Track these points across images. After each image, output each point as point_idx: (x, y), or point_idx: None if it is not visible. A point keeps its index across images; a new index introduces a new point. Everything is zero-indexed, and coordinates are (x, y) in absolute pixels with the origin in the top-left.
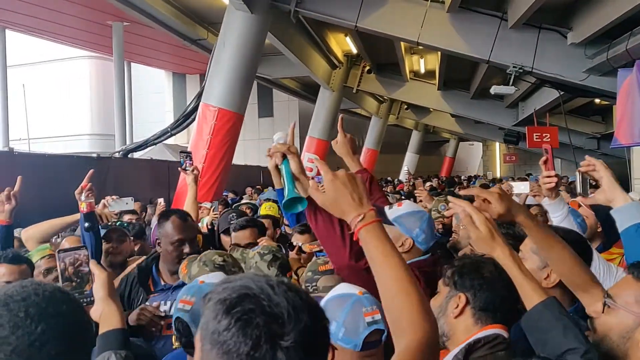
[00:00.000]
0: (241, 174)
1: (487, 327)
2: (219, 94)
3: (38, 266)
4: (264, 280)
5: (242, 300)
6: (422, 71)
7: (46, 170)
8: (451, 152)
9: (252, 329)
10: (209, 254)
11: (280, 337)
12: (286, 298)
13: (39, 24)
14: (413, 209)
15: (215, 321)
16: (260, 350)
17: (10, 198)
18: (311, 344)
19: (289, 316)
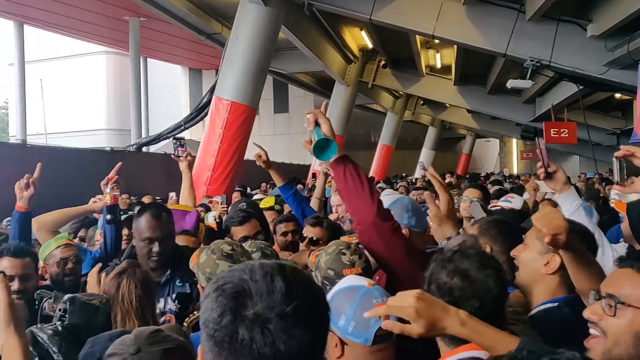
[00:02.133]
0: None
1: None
2: (232, 88)
3: (53, 255)
4: (259, 264)
5: (228, 276)
6: (438, 66)
7: (59, 163)
8: (467, 149)
9: (223, 300)
10: (218, 242)
11: (246, 310)
12: (266, 276)
13: (57, 19)
14: (391, 200)
15: (204, 292)
16: (224, 319)
17: (29, 185)
18: (278, 323)
19: (261, 295)
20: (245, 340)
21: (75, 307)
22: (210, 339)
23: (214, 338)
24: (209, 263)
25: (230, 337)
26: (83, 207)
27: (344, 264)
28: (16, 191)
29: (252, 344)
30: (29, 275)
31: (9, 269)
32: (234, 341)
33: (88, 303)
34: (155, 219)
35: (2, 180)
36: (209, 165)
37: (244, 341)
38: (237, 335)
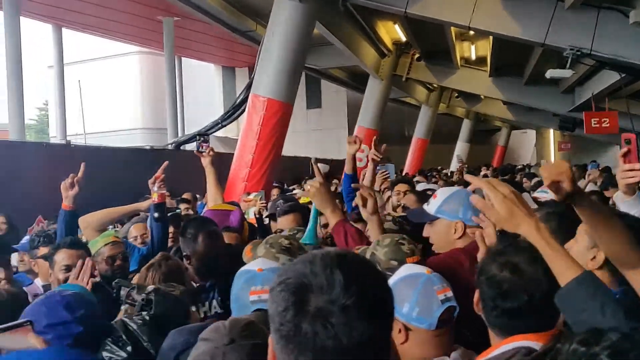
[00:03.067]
0: (290, 166)
1: None
2: (268, 85)
3: (101, 253)
4: (319, 255)
5: (290, 270)
6: (473, 57)
7: (101, 162)
8: (503, 141)
9: (286, 293)
10: (275, 236)
11: (308, 305)
12: (326, 269)
13: (93, 21)
14: (448, 193)
15: (271, 285)
16: (288, 314)
17: (74, 185)
18: (339, 317)
19: (321, 286)
20: (309, 334)
21: (159, 298)
22: (276, 332)
23: (280, 332)
24: (268, 256)
25: (295, 331)
26: (130, 206)
27: (405, 253)
28: (62, 190)
29: (315, 338)
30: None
31: (66, 259)
32: (298, 335)
33: (170, 294)
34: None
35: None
36: (247, 162)
37: (308, 335)
38: (300, 330)
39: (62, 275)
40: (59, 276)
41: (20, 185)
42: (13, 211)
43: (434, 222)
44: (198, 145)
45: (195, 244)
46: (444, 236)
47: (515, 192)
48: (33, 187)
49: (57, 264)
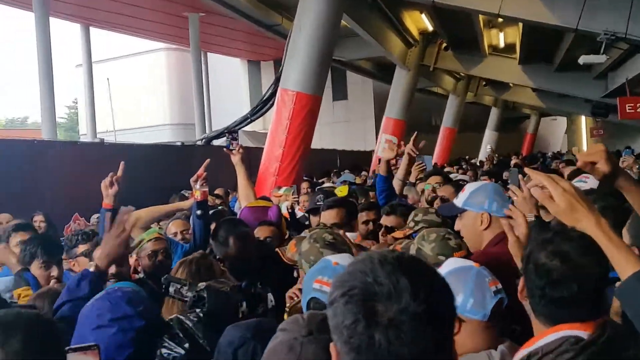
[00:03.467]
0: (317, 158)
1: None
2: (297, 78)
3: (145, 249)
4: (377, 259)
5: (350, 277)
6: (501, 45)
7: (134, 159)
8: (532, 129)
9: (354, 305)
10: (319, 231)
11: (379, 315)
12: (390, 277)
13: (120, 19)
14: (475, 186)
15: (329, 295)
16: (359, 326)
17: (113, 183)
18: (412, 323)
19: (390, 295)
20: (383, 344)
21: (211, 294)
22: (346, 344)
23: (350, 344)
24: (313, 251)
25: (368, 343)
26: (172, 205)
27: (452, 248)
28: (102, 189)
29: (390, 347)
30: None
31: None
32: (371, 346)
33: (221, 290)
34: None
35: (84, 178)
36: (277, 156)
37: (382, 346)
38: (374, 341)
39: None
40: None
41: (56, 183)
42: (50, 210)
43: (463, 215)
44: (228, 142)
45: (226, 248)
46: (471, 228)
47: (576, 186)
48: (68, 186)
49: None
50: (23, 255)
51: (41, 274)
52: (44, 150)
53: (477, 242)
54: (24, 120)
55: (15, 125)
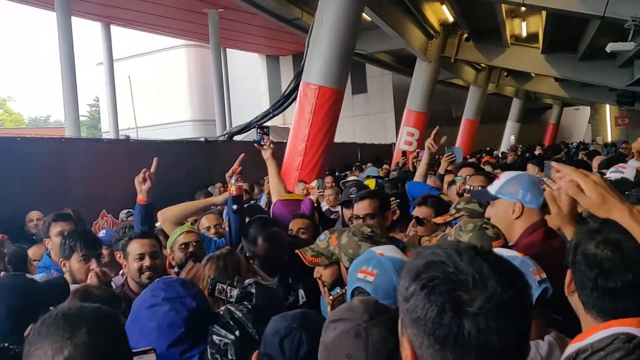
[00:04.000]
0: (338, 152)
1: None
2: (319, 72)
3: (176, 242)
4: (453, 247)
5: (428, 268)
6: (523, 35)
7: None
8: (554, 119)
9: (437, 296)
10: (358, 225)
11: (467, 304)
12: (473, 264)
13: (140, 17)
14: (510, 175)
15: (404, 289)
16: (445, 317)
17: (146, 179)
18: (502, 311)
19: (475, 282)
20: (472, 334)
21: (259, 290)
22: (430, 337)
23: (435, 336)
24: (351, 245)
25: (456, 334)
26: (205, 200)
27: (490, 237)
28: (136, 185)
29: (479, 336)
30: (157, 252)
31: (138, 249)
32: (459, 337)
33: (268, 287)
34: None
35: (112, 174)
36: (300, 151)
37: (471, 335)
38: (462, 331)
39: (136, 264)
40: (133, 265)
41: (83, 180)
42: (78, 206)
43: (495, 202)
44: (259, 138)
45: (255, 247)
46: (503, 216)
47: (605, 179)
48: (96, 182)
49: (130, 255)
50: (63, 249)
51: (80, 267)
52: (70, 148)
53: (507, 231)
54: (46, 119)
55: (38, 124)
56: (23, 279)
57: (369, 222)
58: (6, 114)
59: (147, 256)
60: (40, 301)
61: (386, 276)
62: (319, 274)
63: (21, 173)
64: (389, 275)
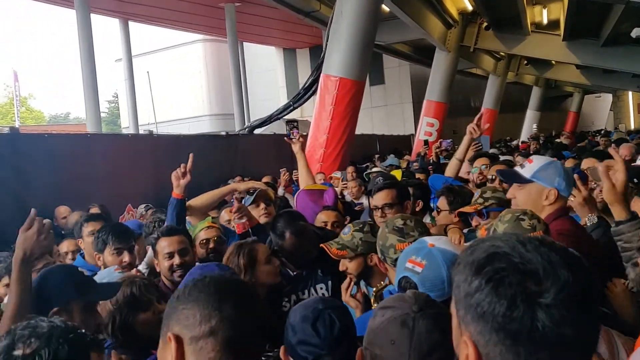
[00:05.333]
0: (356, 143)
1: None
2: (339, 64)
3: (198, 238)
4: (514, 238)
5: (491, 260)
6: (544, 22)
7: (181, 149)
8: (575, 107)
9: (506, 288)
10: (394, 217)
11: (539, 295)
12: (540, 253)
13: (157, 12)
14: (545, 161)
15: (467, 284)
16: (517, 310)
17: (185, 173)
18: (575, 301)
19: (546, 272)
20: (547, 326)
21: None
22: (499, 332)
23: (506, 331)
24: (382, 236)
25: (529, 327)
26: (227, 187)
27: (525, 229)
28: (173, 180)
29: (554, 329)
30: (186, 249)
31: (167, 247)
32: (533, 331)
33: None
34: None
35: (137, 169)
36: (321, 143)
37: (546, 328)
38: (536, 324)
39: (166, 262)
40: (164, 264)
41: (108, 175)
42: (103, 201)
43: (526, 185)
44: (288, 131)
45: (282, 241)
46: (534, 201)
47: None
48: (120, 177)
49: (159, 253)
50: (96, 243)
51: (113, 260)
52: (96, 143)
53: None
54: (66, 116)
55: (58, 121)
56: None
57: (387, 212)
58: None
59: (176, 254)
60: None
61: (435, 268)
62: (345, 267)
63: (49, 168)
64: (437, 267)
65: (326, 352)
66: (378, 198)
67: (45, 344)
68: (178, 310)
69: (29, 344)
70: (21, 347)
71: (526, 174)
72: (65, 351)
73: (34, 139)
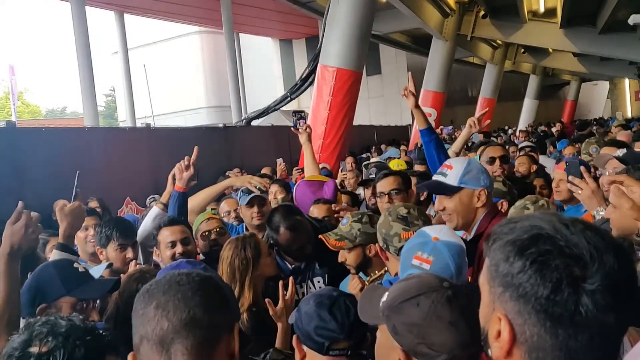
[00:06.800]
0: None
1: None
2: (336, 54)
3: (199, 230)
4: (556, 219)
5: (535, 241)
6: (541, 10)
7: (179, 142)
8: (573, 95)
9: (551, 272)
10: (397, 205)
11: (584, 280)
12: (586, 238)
13: (153, 5)
14: (463, 162)
15: (507, 263)
16: (561, 294)
17: (189, 166)
18: (619, 287)
19: (592, 257)
20: (590, 312)
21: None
22: (538, 314)
23: (547, 313)
24: (385, 224)
25: (573, 311)
26: (224, 183)
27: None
28: (176, 172)
29: (597, 314)
30: (188, 238)
31: (169, 236)
32: (576, 315)
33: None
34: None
35: (134, 162)
36: (320, 134)
37: (589, 313)
38: (580, 308)
39: (169, 251)
40: (166, 253)
41: (106, 169)
42: (102, 195)
43: (456, 194)
44: (295, 122)
45: (278, 235)
46: (467, 206)
47: None
48: (118, 170)
49: (162, 243)
50: (99, 238)
51: (117, 256)
52: (93, 137)
53: (470, 219)
54: (63, 110)
55: (55, 115)
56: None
57: (394, 197)
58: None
59: (178, 243)
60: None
61: (443, 263)
62: (344, 258)
63: (46, 163)
64: (445, 261)
65: (344, 336)
66: (384, 184)
67: (62, 344)
68: (139, 313)
69: (46, 342)
70: (37, 345)
71: (452, 181)
72: (81, 353)
73: (31, 133)
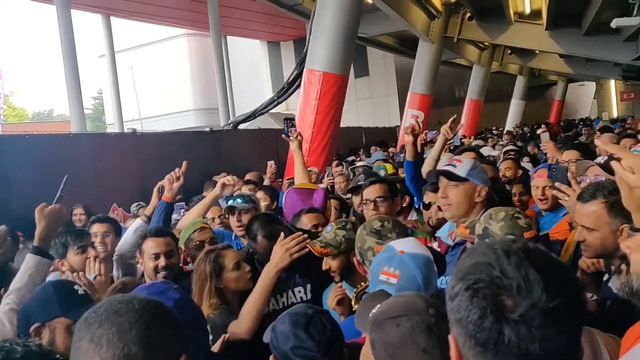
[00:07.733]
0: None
1: None
2: (323, 58)
3: (192, 239)
4: (504, 248)
5: (475, 269)
6: (527, 12)
7: (165, 146)
8: (559, 95)
9: (480, 299)
10: (372, 219)
11: (510, 311)
12: (519, 269)
13: (140, 7)
14: (472, 160)
15: (450, 287)
16: (487, 321)
17: (179, 178)
18: (544, 319)
19: (519, 288)
20: (513, 341)
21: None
22: (471, 339)
23: (475, 339)
24: (360, 238)
25: (496, 339)
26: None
27: (522, 228)
28: (166, 183)
29: (520, 344)
30: (172, 252)
31: (153, 248)
32: (499, 343)
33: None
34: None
35: (120, 168)
36: (307, 137)
37: (511, 342)
38: (502, 337)
39: (151, 263)
40: (149, 264)
41: (92, 175)
42: (88, 202)
43: (460, 184)
44: (286, 129)
45: (255, 244)
46: (468, 198)
47: None
48: (105, 176)
49: (145, 253)
50: (56, 250)
51: (79, 259)
52: (79, 143)
53: (467, 212)
54: (50, 113)
55: (42, 118)
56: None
57: (380, 205)
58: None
59: (162, 256)
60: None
61: (409, 276)
62: (328, 265)
63: (31, 169)
64: (411, 274)
65: (321, 354)
66: (370, 192)
67: None
68: (75, 346)
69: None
70: None
71: (461, 172)
72: None
73: (14, 140)
